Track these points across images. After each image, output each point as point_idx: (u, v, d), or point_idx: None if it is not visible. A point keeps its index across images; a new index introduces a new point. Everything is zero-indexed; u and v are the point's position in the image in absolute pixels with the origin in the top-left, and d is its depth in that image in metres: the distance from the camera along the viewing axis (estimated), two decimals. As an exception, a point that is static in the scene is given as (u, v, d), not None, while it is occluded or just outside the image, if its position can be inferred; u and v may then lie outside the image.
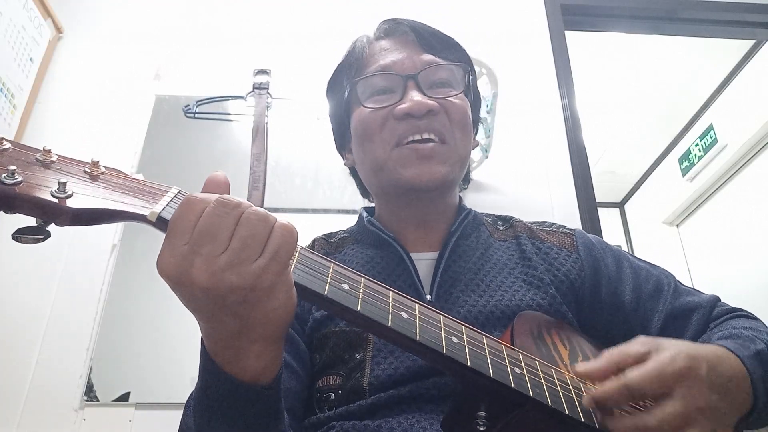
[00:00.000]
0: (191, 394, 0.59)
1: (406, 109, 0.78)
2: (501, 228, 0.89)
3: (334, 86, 0.92)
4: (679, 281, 0.84)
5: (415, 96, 0.79)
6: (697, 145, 3.33)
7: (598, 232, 1.51)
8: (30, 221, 0.44)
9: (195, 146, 1.55)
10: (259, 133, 1.52)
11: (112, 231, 1.39)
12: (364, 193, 0.97)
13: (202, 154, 1.54)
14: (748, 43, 2.80)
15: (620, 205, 4.31)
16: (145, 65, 1.66)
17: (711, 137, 3.19)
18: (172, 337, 1.30)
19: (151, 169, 1.48)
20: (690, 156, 3.41)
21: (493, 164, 1.49)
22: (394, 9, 1.83)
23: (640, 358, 0.55)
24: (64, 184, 0.43)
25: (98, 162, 0.47)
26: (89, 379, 1.23)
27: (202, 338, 0.49)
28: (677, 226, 3.74)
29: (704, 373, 0.53)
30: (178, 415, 0.62)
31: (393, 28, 0.88)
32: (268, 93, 1.60)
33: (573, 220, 1.49)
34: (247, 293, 0.43)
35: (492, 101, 1.39)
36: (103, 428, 1.19)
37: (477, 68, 1.27)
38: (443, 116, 0.80)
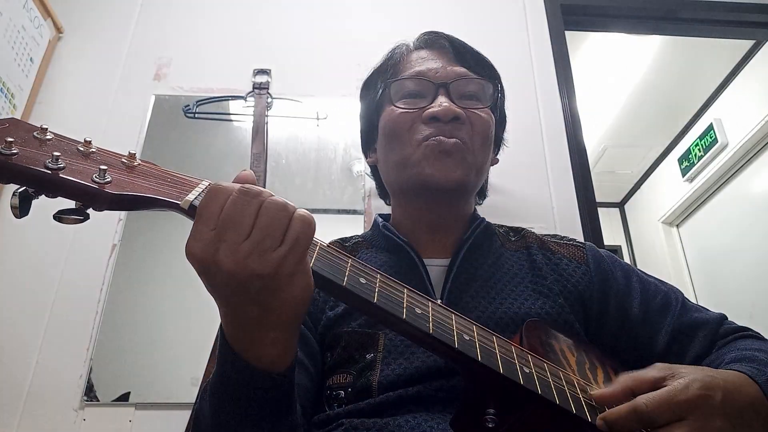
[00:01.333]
0: (207, 381, 0.60)
1: (434, 112, 0.83)
2: (512, 239, 0.91)
3: (368, 87, 0.98)
4: (687, 299, 0.85)
5: (444, 102, 0.83)
6: (697, 145, 3.33)
7: (598, 232, 1.51)
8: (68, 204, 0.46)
9: (195, 146, 1.55)
10: (259, 133, 1.52)
11: (112, 231, 1.39)
12: (382, 194, 1.02)
13: (202, 154, 1.54)
14: (748, 43, 2.80)
15: (620, 205, 4.31)
16: (145, 65, 1.66)
17: (711, 137, 3.19)
18: (172, 337, 1.30)
19: (151, 169, 1.48)
20: (690, 156, 3.42)
21: (492, 165, 1.49)
22: (394, 9, 1.83)
23: (655, 384, 0.55)
24: (105, 170, 0.46)
25: (135, 154, 0.51)
26: (89, 379, 1.23)
27: (220, 325, 0.51)
28: (677, 226, 3.74)
29: (718, 401, 0.52)
30: (179, 415, 0.62)
31: (432, 40, 0.93)
32: (268, 93, 1.60)
33: (573, 220, 1.49)
34: (268, 280, 0.45)
35: (492, 101, 1.39)
36: (103, 428, 1.19)
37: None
38: (467, 126, 0.85)
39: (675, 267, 3.63)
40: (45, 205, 0.46)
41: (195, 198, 0.49)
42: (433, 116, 0.83)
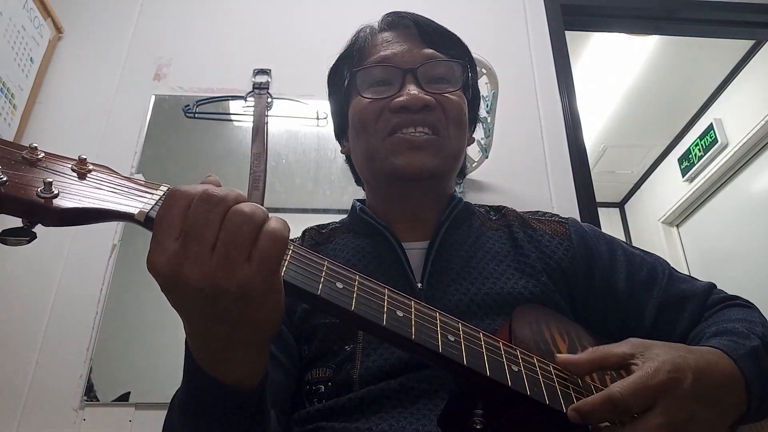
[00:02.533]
0: (175, 393, 0.58)
1: (402, 102, 0.79)
2: (493, 218, 0.89)
3: (335, 74, 0.94)
4: (674, 269, 0.83)
5: (412, 90, 0.80)
6: (697, 145, 3.33)
7: (598, 232, 1.51)
8: (16, 222, 0.42)
9: (195, 146, 1.55)
10: (259, 133, 1.52)
11: (112, 231, 1.39)
12: (358, 181, 0.98)
13: (202, 154, 1.54)
14: (748, 43, 2.80)
15: (620, 205, 4.31)
16: (145, 65, 1.66)
17: (711, 137, 3.19)
18: (172, 337, 1.30)
19: (151, 169, 1.49)
20: (690, 156, 3.41)
21: (493, 164, 1.49)
22: (393, 8, 1.83)
23: (623, 360, 0.55)
24: (50, 183, 0.41)
25: (86, 159, 0.45)
26: (89, 379, 1.23)
27: (186, 340, 0.48)
28: (677, 226, 3.74)
29: (689, 383, 0.52)
30: (178, 415, 0.62)
31: (396, 21, 0.89)
32: (268, 93, 1.60)
33: (573, 220, 1.49)
34: (236, 298, 0.41)
35: (492, 101, 1.39)
36: (103, 428, 1.19)
37: (477, 68, 1.27)
38: (439, 111, 0.81)
39: (675, 267, 3.63)
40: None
41: (151, 208, 0.44)
42: (401, 105, 0.79)
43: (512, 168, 1.56)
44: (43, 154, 0.44)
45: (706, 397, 0.53)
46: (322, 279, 0.48)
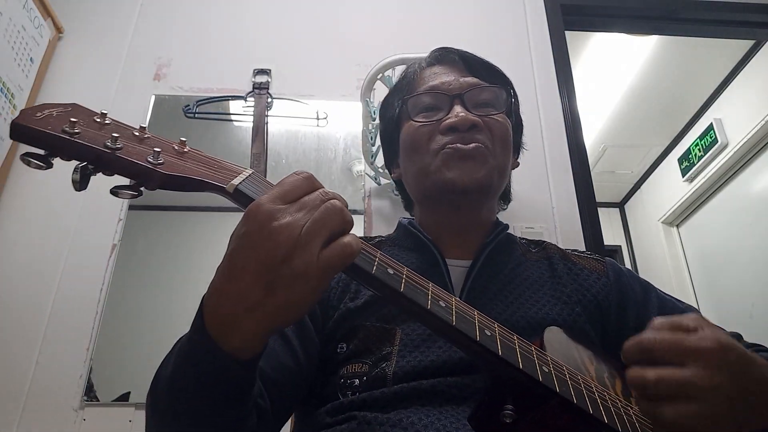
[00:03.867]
0: (178, 341, 0.61)
1: (451, 123, 0.85)
2: (533, 250, 0.93)
3: (386, 106, 1.01)
4: (704, 317, 0.86)
5: (461, 112, 0.85)
6: (697, 145, 3.33)
7: (598, 232, 1.51)
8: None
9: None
10: (259, 133, 1.52)
11: (112, 231, 1.39)
12: (408, 206, 1.05)
13: (202, 154, 1.54)
14: (748, 43, 2.81)
15: (620, 205, 4.31)
16: (145, 65, 1.66)
17: (711, 137, 3.19)
18: (172, 337, 1.30)
19: (151, 169, 1.48)
20: (690, 156, 3.41)
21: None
22: (394, 9, 1.83)
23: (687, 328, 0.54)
24: (159, 152, 0.50)
25: (185, 141, 0.54)
26: (89, 379, 1.23)
27: (203, 297, 0.51)
28: (677, 226, 3.74)
29: (730, 360, 0.51)
30: (178, 415, 0.62)
31: (443, 56, 0.96)
32: (268, 93, 1.60)
33: (573, 220, 1.49)
34: (295, 273, 0.45)
35: (492, 101, 1.39)
36: (103, 428, 1.19)
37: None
38: (486, 132, 0.87)
39: (675, 267, 3.63)
40: (42, 205, 0.46)
41: (240, 182, 0.52)
42: (450, 126, 0.85)
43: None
44: (149, 135, 0.52)
45: (741, 380, 0.51)
46: (376, 263, 0.53)
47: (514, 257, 0.88)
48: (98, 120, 0.50)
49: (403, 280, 0.53)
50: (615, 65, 2.98)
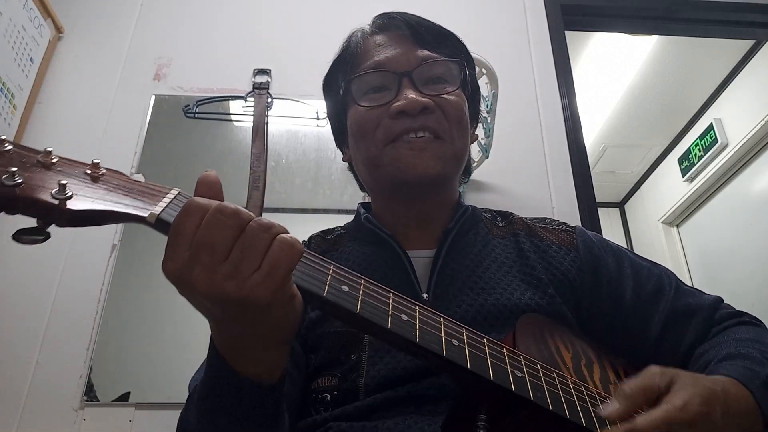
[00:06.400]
0: (194, 388, 0.59)
1: (400, 107, 0.77)
2: (500, 224, 0.87)
3: (329, 83, 0.92)
4: (681, 281, 0.83)
5: (410, 94, 0.78)
6: (697, 145, 3.33)
7: (598, 232, 1.51)
8: (30, 222, 0.44)
9: (195, 146, 1.55)
10: (259, 133, 1.52)
11: (112, 231, 1.39)
12: (362, 187, 0.97)
13: (202, 154, 1.54)
14: (748, 43, 2.80)
15: (620, 205, 4.31)
16: (145, 65, 1.66)
17: (711, 137, 3.19)
18: (172, 337, 1.30)
19: (151, 169, 1.48)
20: (690, 156, 3.41)
21: (493, 164, 1.49)
22: (392, 8, 1.83)
23: (656, 393, 0.54)
24: (65, 185, 0.43)
25: (99, 163, 0.47)
26: (89, 379, 1.23)
27: (210, 335, 0.51)
28: (677, 226, 3.74)
29: (718, 418, 0.52)
30: (178, 415, 0.62)
31: (387, 23, 0.87)
32: (268, 93, 1.60)
33: (573, 220, 1.49)
34: (245, 305, 0.43)
35: (492, 101, 1.39)
36: (103, 428, 1.19)
37: (477, 68, 1.27)
38: (438, 113, 0.79)
39: (675, 267, 3.63)
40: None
41: (162, 211, 0.46)
42: (399, 110, 0.77)
43: (512, 168, 1.56)
44: (57, 158, 0.45)
45: (731, 430, 0.53)
46: (328, 281, 0.48)
47: (480, 238, 0.83)
48: None
49: (360, 299, 0.49)
50: (615, 65, 2.98)
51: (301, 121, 1.59)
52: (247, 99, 1.59)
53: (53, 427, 1.18)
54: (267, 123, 1.54)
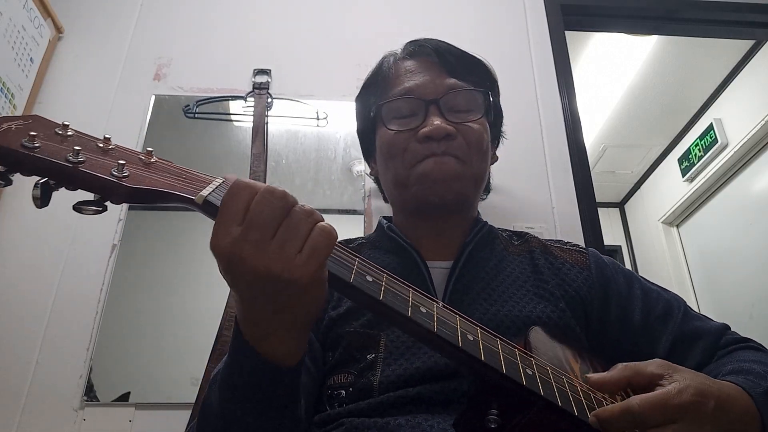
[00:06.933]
0: (218, 371, 0.61)
1: (426, 132, 0.85)
2: (516, 243, 0.92)
3: (361, 102, 1.00)
4: (689, 307, 0.86)
5: (435, 120, 0.85)
6: (697, 145, 3.33)
7: (598, 232, 1.51)
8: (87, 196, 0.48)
9: (195, 146, 1.55)
10: (259, 133, 1.52)
11: (112, 231, 1.39)
12: (386, 199, 1.04)
13: (202, 155, 1.54)
14: (748, 43, 2.81)
15: (620, 205, 4.31)
16: (145, 65, 1.66)
17: (711, 137, 3.19)
18: (172, 337, 1.30)
19: (151, 169, 1.48)
20: (690, 156, 3.42)
21: (493, 164, 1.49)
22: (394, 9, 1.83)
23: (652, 380, 0.56)
24: (123, 165, 0.48)
25: (152, 152, 0.52)
26: (89, 379, 1.23)
27: (236, 316, 0.52)
28: (677, 226, 3.74)
29: (710, 409, 0.53)
30: (179, 415, 0.62)
31: (417, 50, 0.94)
32: (268, 93, 1.60)
33: (573, 220, 1.49)
34: (287, 284, 0.45)
35: (492, 101, 1.39)
36: (103, 428, 1.19)
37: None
38: (460, 140, 0.86)
39: (675, 267, 3.63)
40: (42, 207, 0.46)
41: (209, 194, 0.49)
42: (426, 136, 0.85)
43: (512, 168, 1.56)
44: (114, 145, 0.51)
45: (724, 426, 0.54)
46: (354, 270, 0.52)
47: (496, 253, 0.88)
48: (60, 132, 0.48)
49: (383, 288, 0.52)
50: (615, 65, 2.98)
51: (301, 121, 1.59)
52: (247, 99, 1.59)
53: (53, 427, 1.18)
54: (267, 123, 1.54)
